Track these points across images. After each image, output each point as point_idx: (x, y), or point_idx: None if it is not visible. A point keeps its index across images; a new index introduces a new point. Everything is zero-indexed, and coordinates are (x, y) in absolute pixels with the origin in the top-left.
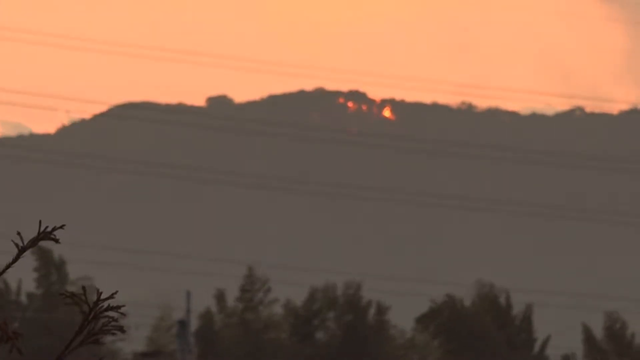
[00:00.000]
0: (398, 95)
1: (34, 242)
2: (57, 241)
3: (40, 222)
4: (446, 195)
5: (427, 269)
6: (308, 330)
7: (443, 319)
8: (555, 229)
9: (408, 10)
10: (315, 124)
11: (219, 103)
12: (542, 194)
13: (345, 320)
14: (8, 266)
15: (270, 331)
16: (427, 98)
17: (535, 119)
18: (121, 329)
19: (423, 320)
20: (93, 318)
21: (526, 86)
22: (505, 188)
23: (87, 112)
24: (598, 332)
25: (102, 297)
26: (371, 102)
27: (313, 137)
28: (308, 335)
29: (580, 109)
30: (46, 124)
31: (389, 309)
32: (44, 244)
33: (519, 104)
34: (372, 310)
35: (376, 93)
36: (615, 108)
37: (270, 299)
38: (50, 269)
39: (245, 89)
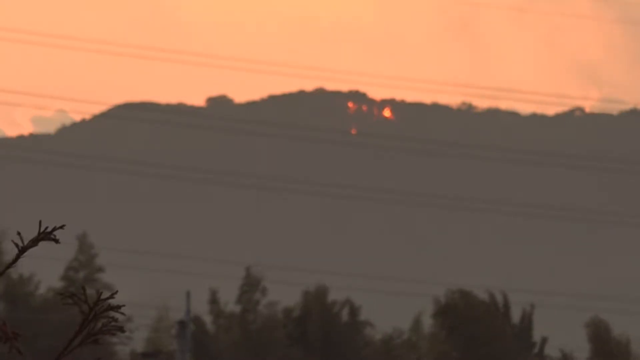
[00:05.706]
0: (398, 95)
1: (34, 242)
2: (57, 241)
3: (40, 222)
4: (446, 196)
5: (427, 269)
6: (301, 332)
7: (457, 314)
8: (555, 229)
9: (408, 10)
10: (315, 124)
11: (219, 103)
12: (542, 194)
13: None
14: (8, 266)
15: (267, 333)
16: (427, 98)
17: (535, 119)
18: (121, 329)
19: (438, 316)
20: (93, 318)
21: (526, 86)
22: (505, 188)
23: (87, 112)
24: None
25: (102, 297)
26: (371, 102)
27: (313, 137)
28: (301, 336)
29: (580, 109)
30: (40, 125)
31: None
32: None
33: (519, 104)
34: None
35: (376, 93)
36: (615, 108)
37: (268, 301)
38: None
39: (245, 89)
